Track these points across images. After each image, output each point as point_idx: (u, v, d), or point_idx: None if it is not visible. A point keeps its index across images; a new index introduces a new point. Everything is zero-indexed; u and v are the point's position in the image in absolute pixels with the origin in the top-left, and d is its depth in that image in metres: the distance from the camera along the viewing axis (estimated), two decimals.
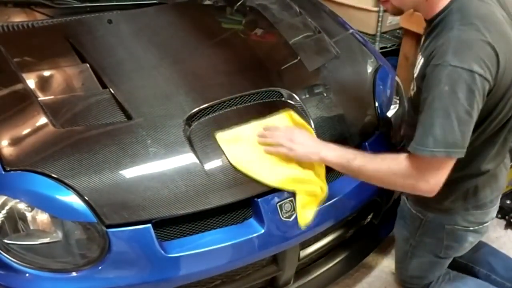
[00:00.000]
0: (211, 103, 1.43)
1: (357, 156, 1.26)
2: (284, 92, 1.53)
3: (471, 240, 1.42)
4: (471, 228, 1.38)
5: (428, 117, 1.09)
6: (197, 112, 1.41)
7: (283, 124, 1.42)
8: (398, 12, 1.26)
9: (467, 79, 1.05)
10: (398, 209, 1.51)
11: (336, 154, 1.30)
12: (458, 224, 1.37)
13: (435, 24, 1.18)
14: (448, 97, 1.06)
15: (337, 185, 1.51)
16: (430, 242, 1.43)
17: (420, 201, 1.39)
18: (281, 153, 1.33)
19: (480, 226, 1.39)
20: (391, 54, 2.81)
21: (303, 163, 1.37)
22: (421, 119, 1.12)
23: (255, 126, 1.40)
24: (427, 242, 1.43)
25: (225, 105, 1.45)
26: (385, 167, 1.20)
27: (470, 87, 1.05)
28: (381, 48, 2.83)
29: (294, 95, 1.53)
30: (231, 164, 1.32)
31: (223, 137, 1.36)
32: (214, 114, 1.42)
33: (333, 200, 1.46)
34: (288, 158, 1.35)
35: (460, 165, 1.20)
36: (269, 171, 1.33)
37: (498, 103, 1.18)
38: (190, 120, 1.39)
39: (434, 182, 1.14)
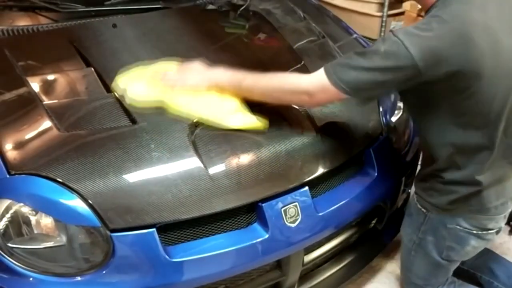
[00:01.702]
0: None
1: (247, 75, 1.35)
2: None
3: (474, 244, 1.41)
4: (474, 232, 1.38)
5: (356, 59, 1.19)
6: None
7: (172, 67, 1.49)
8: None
9: (401, 55, 1.12)
10: (406, 205, 1.52)
11: (227, 76, 1.37)
12: (460, 225, 1.37)
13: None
14: (379, 58, 1.15)
15: (340, 191, 1.51)
16: (432, 241, 1.43)
17: (425, 197, 1.40)
18: (176, 87, 1.40)
19: (484, 232, 1.39)
20: None
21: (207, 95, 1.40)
22: (351, 56, 1.21)
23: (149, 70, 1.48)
24: (429, 241, 1.44)
25: None
26: (277, 81, 1.31)
27: (399, 63, 1.12)
28: None
29: None
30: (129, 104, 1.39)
31: (119, 83, 1.43)
32: None
33: (337, 206, 1.46)
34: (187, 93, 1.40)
35: (455, 170, 1.28)
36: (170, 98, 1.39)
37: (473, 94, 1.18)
38: (194, 124, 1.39)
39: (319, 99, 1.28)
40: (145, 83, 1.44)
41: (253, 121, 1.39)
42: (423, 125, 1.31)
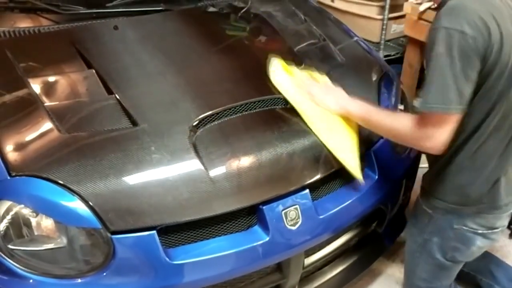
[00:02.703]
0: (216, 110, 1.43)
1: (378, 111, 1.38)
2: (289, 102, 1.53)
3: (479, 244, 1.40)
4: (480, 232, 1.37)
5: (428, 77, 1.17)
6: (202, 119, 1.41)
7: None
8: None
9: (460, 40, 1.11)
10: (413, 207, 1.51)
11: (357, 107, 1.40)
12: (467, 225, 1.36)
13: (440, 7, 1.23)
14: (443, 57, 1.13)
15: (341, 194, 1.51)
16: (437, 242, 1.42)
17: (431, 197, 1.39)
18: (313, 98, 1.46)
19: (490, 231, 1.38)
20: (395, 62, 2.82)
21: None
22: (425, 80, 1.19)
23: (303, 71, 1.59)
24: (434, 242, 1.43)
25: (230, 112, 1.45)
26: (397, 124, 1.28)
27: (462, 47, 1.12)
28: (385, 56, 2.84)
29: None
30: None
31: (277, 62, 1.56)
32: (220, 121, 1.42)
33: (337, 208, 1.46)
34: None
35: (469, 168, 1.27)
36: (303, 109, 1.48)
37: (488, 80, 1.19)
38: (195, 126, 1.39)
39: (436, 139, 1.19)
40: (291, 77, 1.54)
41: (355, 167, 1.42)
42: None
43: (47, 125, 1.34)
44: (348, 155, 1.44)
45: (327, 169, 1.45)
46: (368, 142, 1.60)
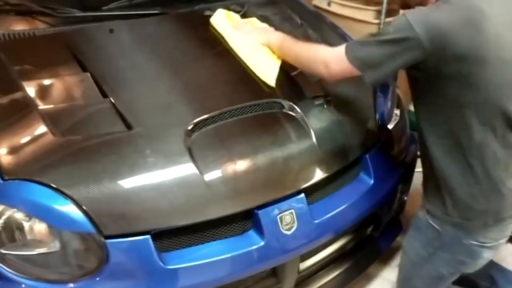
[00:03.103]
0: (212, 113, 1.43)
1: (288, 39, 1.57)
2: (285, 103, 1.53)
3: (487, 256, 1.38)
4: (488, 245, 1.34)
5: (370, 40, 1.27)
6: (197, 123, 1.40)
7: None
8: (405, 5, 1.38)
9: (408, 34, 1.17)
10: (414, 219, 1.48)
11: (278, 36, 1.62)
12: (476, 240, 1.33)
13: None
14: (389, 36, 1.22)
15: (336, 198, 1.51)
16: (443, 256, 1.39)
17: (436, 212, 1.36)
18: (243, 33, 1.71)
19: (496, 243, 1.36)
20: None
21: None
22: (367, 38, 1.29)
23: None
24: (440, 256, 1.40)
25: (226, 116, 1.44)
26: (304, 49, 1.48)
27: (406, 42, 1.18)
28: None
29: (295, 106, 1.53)
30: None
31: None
32: (215, 125, 1.41)
33: (333, 213, 1.46)
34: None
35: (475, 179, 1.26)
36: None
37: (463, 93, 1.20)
38: (191, 130, 1.38)
39: (334, 74, 1.36)
40: (231, 22, 1.78)
41: (265, 71, 1.57)
42: (433, 119, 1.30)
43: (41, 128, 1.33)
44: (263, 66, 1.59)
45: (322, 173, 1.45)
46: (364, 146, 1.60)
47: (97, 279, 1.19)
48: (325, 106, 1.62)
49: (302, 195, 1.39)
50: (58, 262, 1.21)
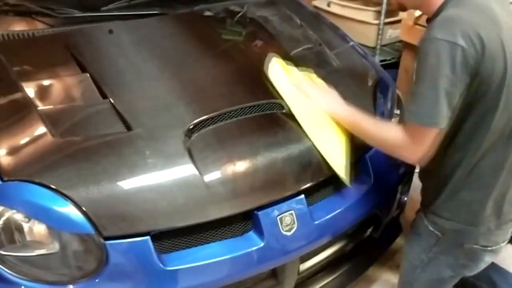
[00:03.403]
0: (211, 114, 1.43)
1: (364, 118, 1.38)
2: (285, 104, 1.52)
3: (488, 259, 1.36)
4: (489, 248, 1.33)
5: (417, 87, 1.16)
6: (197, 124, 1.40)
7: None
8: (401, 7, 1.32)
9: (451, 51, 1.10)
10: (413, 224, 1.45)
11: (348, 111, 1.43)
12: (478, 243, 1.31)
13: (433, 19, 1.22)
14: (435, 69, 1.12)
15: (336, 199, 1.50)
16: (444, 260, 1.37)
17: (436, 218, 1.33)
18: (308, 97, 1.49)
19: (498, 246, 1.34)
20: (390, 67, 2.82)
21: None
22: (413, 90, 1.18)
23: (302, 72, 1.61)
24: (441, 260, 1.37)
25: (225, 117, 1.44)
26: (378, 132, 1.31)
27: (454, 59, 1.10)
28: (380, 61, 2.84)
29: None
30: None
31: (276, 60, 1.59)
32: (215, 126, 1.41)
33: (333, 214, 1.45)
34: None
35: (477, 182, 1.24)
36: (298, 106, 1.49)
37: (477, 95, 1.18)
38: (190, 131, 1.38)
39: (418, 150, 1.20)
40: (289, 75, 1.57)
41: (341, 168, 1.42)
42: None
43: (41, 129, 1.33)
44: (336, 156, 1.43)
45: (323, 174, 1.44)
46: (363, 147, 1.59)
47: (97, 280, 1.19)
48: None
49: (302, 196, 1.39)
50: (58, 264, 1.20)
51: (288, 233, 1.35)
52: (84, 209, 1.19)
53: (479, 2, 1.18)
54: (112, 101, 1.43)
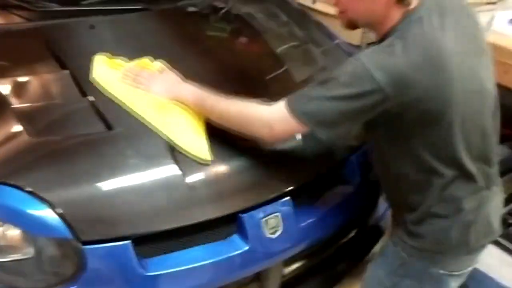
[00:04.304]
0: None
1: (211, 96, 1.30)
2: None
3: (454, 285, 1.30)
4: (457, 273, 1.26)
5: (317, 90, 1.11)
6: None
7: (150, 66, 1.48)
8: (352, 26, 1.22)
9: (365, 81, 1.04)
10: (381, 247, 1.38)
11: (191, 92, 1.35)
12: (444, 269, 1.23)
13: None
14: (341, 86, 1.07)
15: (323, 200, 1.48)
16: (408, 285, 1.28)
17: (403, 243, 1.25)
18: (140, 89, 1.40)
19: (465, 271, 1.28)
20: None
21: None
22: (312, 87, 1.14)
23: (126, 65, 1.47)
24: (404, 285, 1.28)
25: None
26: (235, 108, 1.23)
27: (364, 90, 1.04)
28: None
29: None
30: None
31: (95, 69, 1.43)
32: None
33: (319, 216, 1.43)
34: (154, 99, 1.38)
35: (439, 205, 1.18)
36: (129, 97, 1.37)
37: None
38: None
39: (279, 133, 1.19)
40: (116, 70, 1.45)
41: (196, 150, 1.29)
42: (395, 159, 1.19)
43: (16, 128, 1.27)
44: (190, 137, 1.31)
45: (309, 175, 1.42)
46: (350, 147, 1.57)
47: (74, 287, 1.14)
48: None
49: (288, 198, 1.36)
50: (33, 269, 1.15)
51: (273, 236, 1.32)
52: (61, 212, 1.14)
53: (427, 37, 1.07)
54: (92, 99, 1.37)
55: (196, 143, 1.31)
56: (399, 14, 1.12)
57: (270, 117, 1.17)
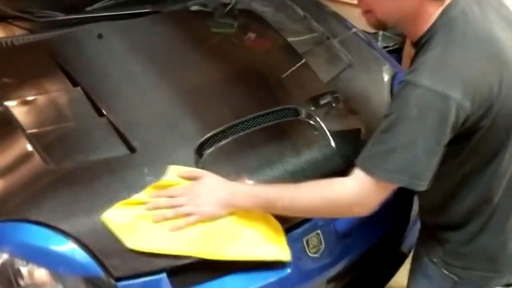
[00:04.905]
0: (221, 128, 1.28)
1: (282, 193, 1.09)
2: (302, 109, 1.39)
3: None
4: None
5: (390, 139, 0.96)
6: (207, 140, 1.26)
7: (176, 180, 1.14)
8: (381, 26, 1.09)
9: (440, 105, 0.91)
10: (417, 265, 1.25)
11: (252, 197, 1.11)
12: (500, 283, 1.17)
13: (420, 46, 1.02)
14: (415, 123, 0.93)
15: None
16: None
17: (451, 267, 1.16)
18: (190, 220, 1.10)
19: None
20: (393, 53, 2.70)
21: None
22: (380, 138, 0.98)
23: (146, 194, 1.12)
24: None
25: (238, 129, 1.30)
26: (318, 196, 1.05)
27: (442, 115, 0.92)
28: (383, 48, 2.72)
29: (312, 113, 1.39)
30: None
31: (113, 220, 1.07)
32: (227, 140, 1.27)
33: (360, 227, 1.34)
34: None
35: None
36: (184, 240, 1.09)
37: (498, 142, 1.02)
38: (200, 149, 1.24)
39: (372, 205, 1.02)
40: (147, 219, 1.09)
41: (276, 253, 1.16)
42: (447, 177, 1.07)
43: (32, 156, 1.17)
44: (266, 244, 1.15)
45: None
46: None
47: None
48: (340, 108, 1.49)
49: None
50: None
51: (316, 255, 1.23)
52: (89, 247, 1.05)
53: (478, 30, 0.98)
54: (110, 118, 1.27)
55: (274, 247, 1.15)
56: (435, 10, 1.00)
57: (355, 194, 1.01)
